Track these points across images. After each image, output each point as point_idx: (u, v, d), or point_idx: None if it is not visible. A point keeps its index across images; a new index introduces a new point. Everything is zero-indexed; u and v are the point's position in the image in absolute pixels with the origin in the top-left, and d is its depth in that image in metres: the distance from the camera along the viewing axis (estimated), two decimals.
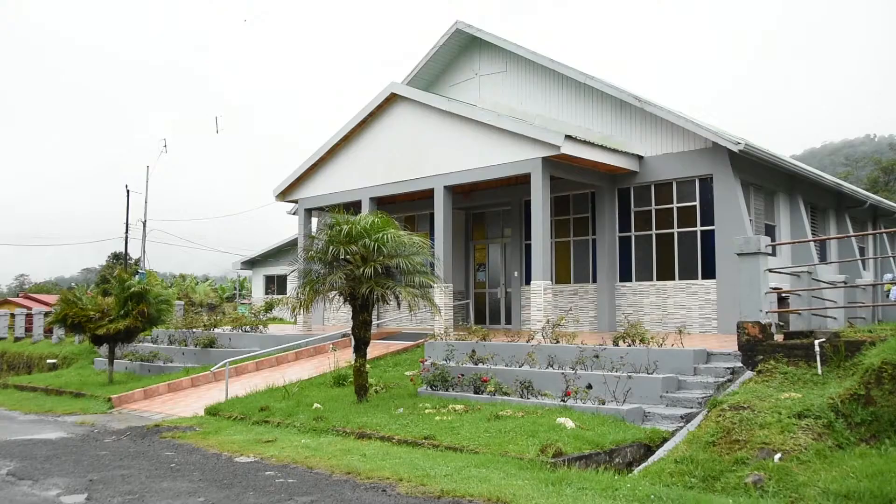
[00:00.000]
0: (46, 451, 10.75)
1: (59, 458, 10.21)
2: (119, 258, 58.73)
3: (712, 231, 18.07)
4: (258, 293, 38.77)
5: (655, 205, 19.29)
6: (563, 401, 11.45)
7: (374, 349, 17.24)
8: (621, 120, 19.74)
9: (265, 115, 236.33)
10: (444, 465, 8.52)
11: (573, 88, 20.81)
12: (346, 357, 17.19)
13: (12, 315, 36.19)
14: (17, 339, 34.00)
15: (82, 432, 12.86)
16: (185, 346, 21.97)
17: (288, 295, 17.67)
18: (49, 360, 27.21)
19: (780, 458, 8.09)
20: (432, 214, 21.08)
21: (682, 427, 10.29)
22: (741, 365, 11.64)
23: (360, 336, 13.07)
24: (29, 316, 35.18)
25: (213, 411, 13.77)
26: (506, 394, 12.32)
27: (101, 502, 7.46)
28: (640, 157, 19.20)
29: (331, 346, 18.84)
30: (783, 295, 13.70)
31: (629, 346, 12.98)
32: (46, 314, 32.36)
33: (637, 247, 19.58)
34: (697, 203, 18.51)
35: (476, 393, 12.66)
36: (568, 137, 17.06)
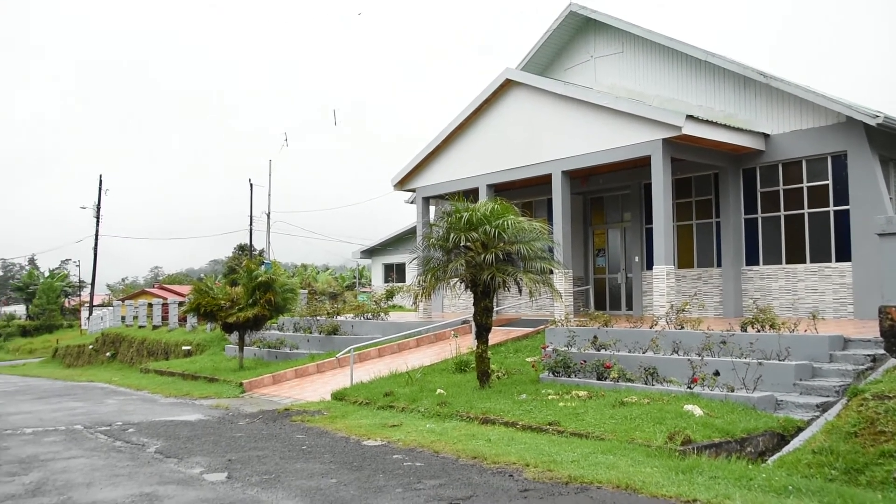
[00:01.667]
0: (188, 432, 11.36)
1: (199, 438, 10.76)
2: (244, 249, 61.18)
3: (847, 211, 17.14)
4: (377, 281, 39.57)
5: (783, 185, 18.45)
6: (689, 387, 11.18)
7: (495, 336, 17.27)
8: (744, 97, 18.96)
9: (380, 107, 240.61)
10: (569, 451, 8.48)
11: (692, 66, 20.14)
12: (467, 343, 17.34)
13: (150, 305, 38.37)
14: (154, 328, 36.01)
15: (218, 415, 13.52)
16: (310, 333, 22.66)
17: (409, 283, 17.96)
18: (184, 347, 28.68)
19: None
20: (550, 200, 20.92)
21: (818, 416, 9.86)
22: (883, 352, 11.01)
23: (482, 322, 13.13)
24: (165, 306, 37.21)
25: (339, 396, 14.17)
26: (629, 380, 12.14)
27: (240, 480, 7.82)
28: (765, 136, 18.41)
29: (452, 332, 19.02)
30: None
31: (758, 331, 12.52)
32: (180, 304, 34.13)
33: (764, 229, 18.80)
34: (830, 181, 17.58)
35: (599, 379, 12.53)
36: (689, 117, 16.55)
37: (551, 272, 13.60)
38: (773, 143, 18.33)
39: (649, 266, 20.07)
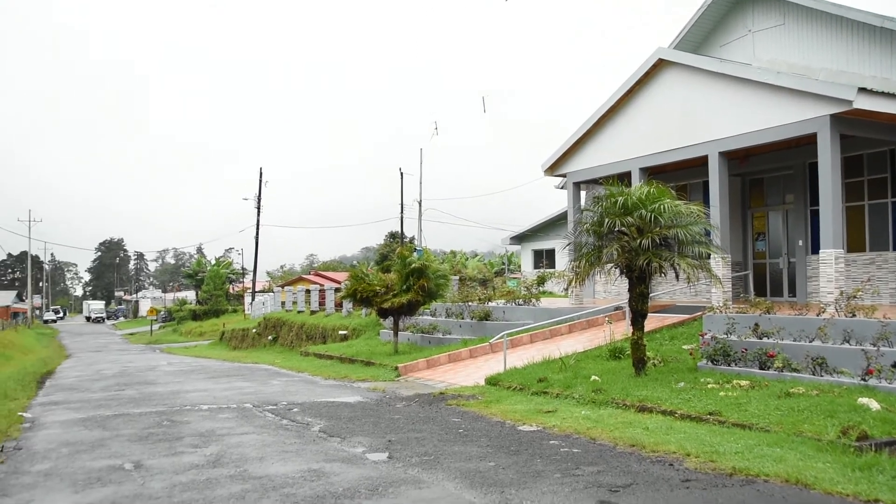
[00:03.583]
0: (348, 413, 11.82)
1: (359, 419, 11.17)
2: (395, 236, 62.79)
3: None
4: (527, 267, 39.58)
5: None
6: (863, 380, 10.51)
7: (649, 322, 16.82)
8: None
9: (528, 94, 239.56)
10: (732, 442, 8.20)
11: (864, 34, 18.80)
12: (621, 330, 17.05)
13: (308, 291, 40.08)
14: (312, 313, 37.57)
15: (375, 398, 13.96)
16: (462, 318, 22.97)
17: (563, 268, 17.83)
18: (341, 332, 29.78)
19: None
20: (705, 182, 20.19)
21: None
22: None
23: (637, 309, 12.87)
24: (321, 292, 38.74)
25: (492, 381, 14.30)
26: (795, 370, 11.55)
27: (401, 461, 8.06)
28: None
29: (606, 319, 18.74)
30: None
31: None
32: (336, 290, 35.44)
33: None
34: None
35: (761, 369, 12.01)
36: (861, 90, 15.46)
37: (708, 257, 13.13)
38: None
39: (815, 250, 18.95)
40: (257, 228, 58.44)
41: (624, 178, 19.40)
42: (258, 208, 58.71)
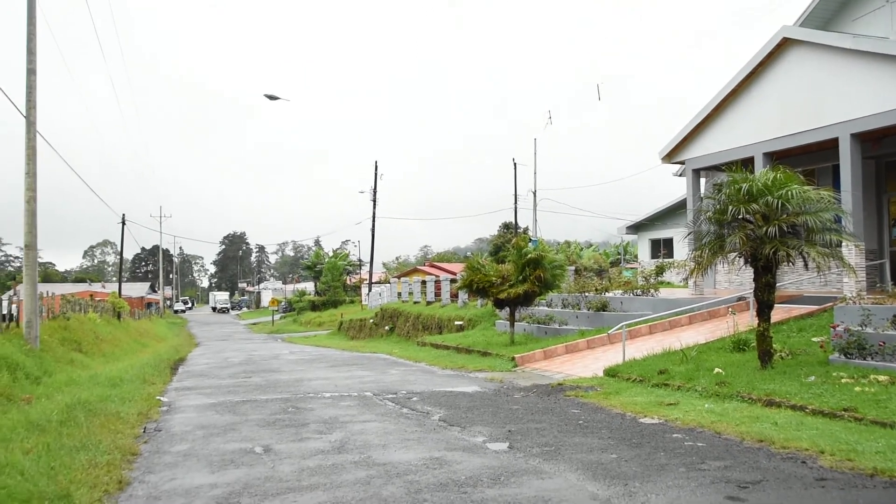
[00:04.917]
0: (467, 403, 11.91)
1: (478, 409, 11.24)
2: (509, 227, 62.73)
3: None
4: (643, 257, 38.78)
5: None
6: None
7: (774, 313, 16.13)
8: None
9: (647, 80, 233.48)
10: (871, 440, 7.78)
11: None
12: (744, 321, 16.48)
13: (423, 282, 40.55)
14: (428, 303, 37.99)
15: (493, 388, 14.00)
16: (578, 309, 22.71)
17: (682, 258, 17.32)
18: (456, 322, 29.97)
19: None
20: (835, 166, 19.20)
21: None
22: None
23: (763, 299, 12.39)
24: (437, 283, 39.11)
25: (611, 373, 14.10)
26: None
27: (521, 451, 8.05)
28: None
29: (729, 309, 18.14)
30: None
31: None
32: (452, 281, 35.71)
33: None
34: None
35: None
36: None
37: (840, 245, 12.47)
38: None
39: None
40: (373, 220, 59.50)
41: (747, 163, 18.66)
42: (374, 201, 59.71)
